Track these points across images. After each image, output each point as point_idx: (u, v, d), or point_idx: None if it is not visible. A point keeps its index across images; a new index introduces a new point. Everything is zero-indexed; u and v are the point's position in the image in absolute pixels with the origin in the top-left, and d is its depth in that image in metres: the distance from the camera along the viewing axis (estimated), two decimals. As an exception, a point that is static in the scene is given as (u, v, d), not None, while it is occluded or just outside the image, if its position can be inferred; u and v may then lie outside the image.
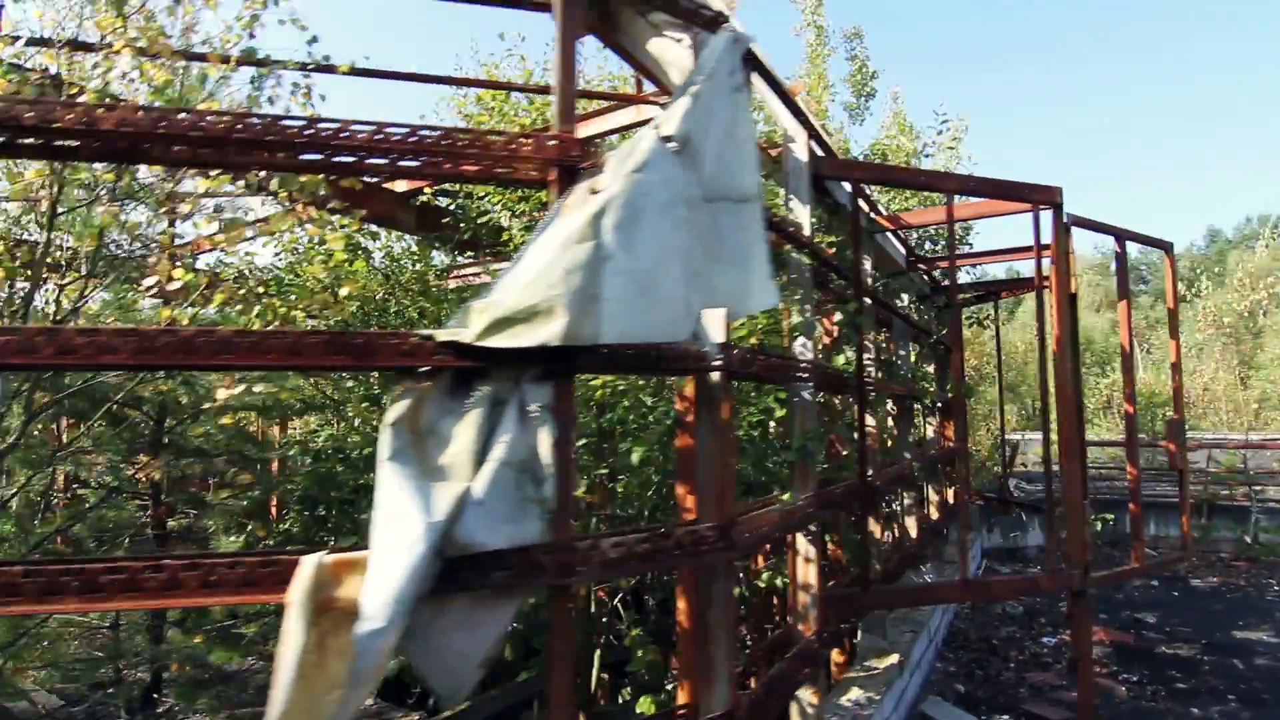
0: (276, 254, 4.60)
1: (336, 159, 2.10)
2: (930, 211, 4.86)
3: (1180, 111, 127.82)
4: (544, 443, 2.16)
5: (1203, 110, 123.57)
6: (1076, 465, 4.24)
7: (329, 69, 3.01)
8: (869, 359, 4.85)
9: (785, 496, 3.51)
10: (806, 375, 3.50)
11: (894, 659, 4.54)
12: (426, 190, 4.92)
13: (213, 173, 2.69)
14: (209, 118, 1.90)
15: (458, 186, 5.07)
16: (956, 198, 4.95)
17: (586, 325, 2.11)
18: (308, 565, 1.78)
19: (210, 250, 3.73)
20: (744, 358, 2.75)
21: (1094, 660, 5.83)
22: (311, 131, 1.97)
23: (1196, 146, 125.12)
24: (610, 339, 2.15)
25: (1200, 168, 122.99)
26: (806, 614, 3.53)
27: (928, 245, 8.51)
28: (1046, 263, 4.17)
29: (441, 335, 2.15)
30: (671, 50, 2.98)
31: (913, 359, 7.22)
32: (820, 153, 3.92)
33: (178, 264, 2.84)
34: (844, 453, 4.83)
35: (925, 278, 7.16)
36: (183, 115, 1.87)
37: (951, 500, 8.39)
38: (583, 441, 3.97)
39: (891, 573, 4.99)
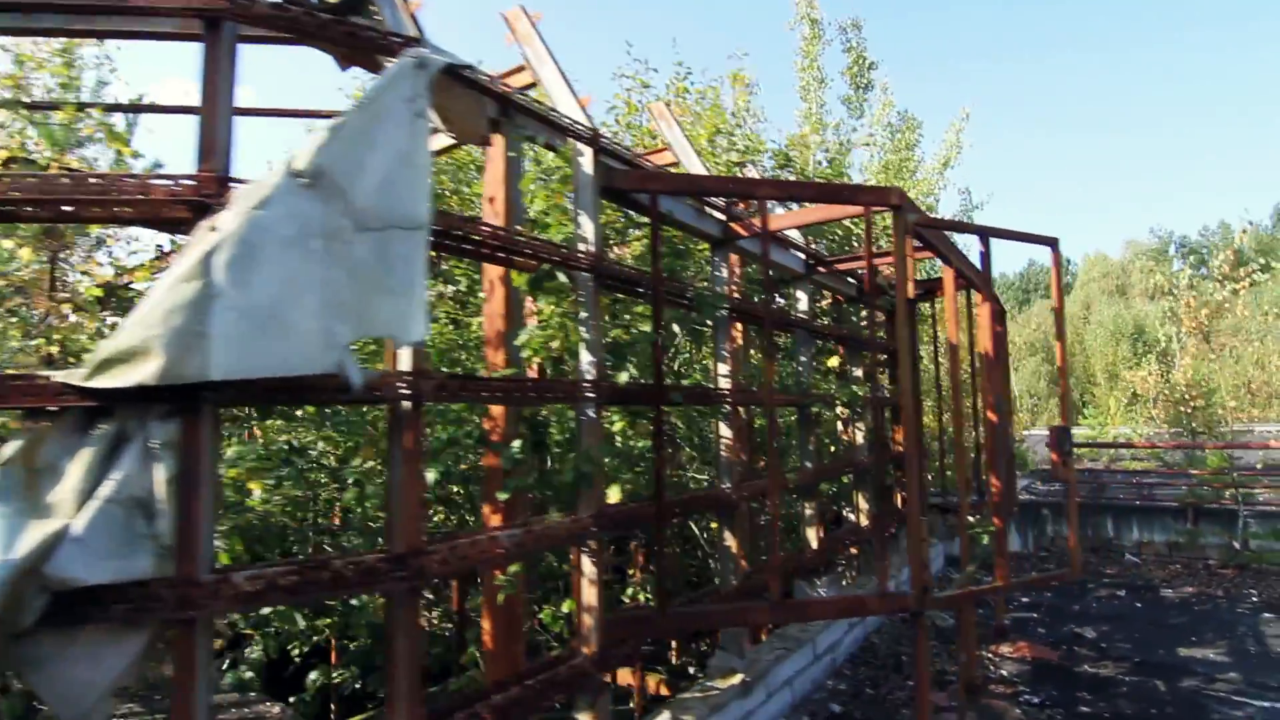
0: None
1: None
2: (783, 217, 4.69)
3: (1243, 86, 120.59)
4: (160, 480, 2.20)
5: (1267, 85, 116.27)
6: (915, 478, 4.04)
7: None
8: (727, 371, 4.74)
9: (555, 517, 3.46)
10: (590, 394, 3.45)
11: (738, 679, 4.41)
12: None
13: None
14: None
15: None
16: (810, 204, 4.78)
17: (190, 363, 2.14)
18: None
19: None
20: (441, 384, 2.72)
21: (1003, 680, 5.56)
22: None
23: (1267, 118, 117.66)
24: (223, 375, 2.16)
25: (1266, 143, 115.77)
26: (589, 637, 3.48)
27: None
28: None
29: (59, 376, 2.21)
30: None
31: (841, 364, 7.01)
32: (623, 167, 3.86)
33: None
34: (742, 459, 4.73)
35: (851, 280, 6.94)
36: None
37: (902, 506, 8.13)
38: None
39: (748, 589, 4.84)
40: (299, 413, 3.82)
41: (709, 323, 4.66)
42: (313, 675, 3.95)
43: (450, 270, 4.76)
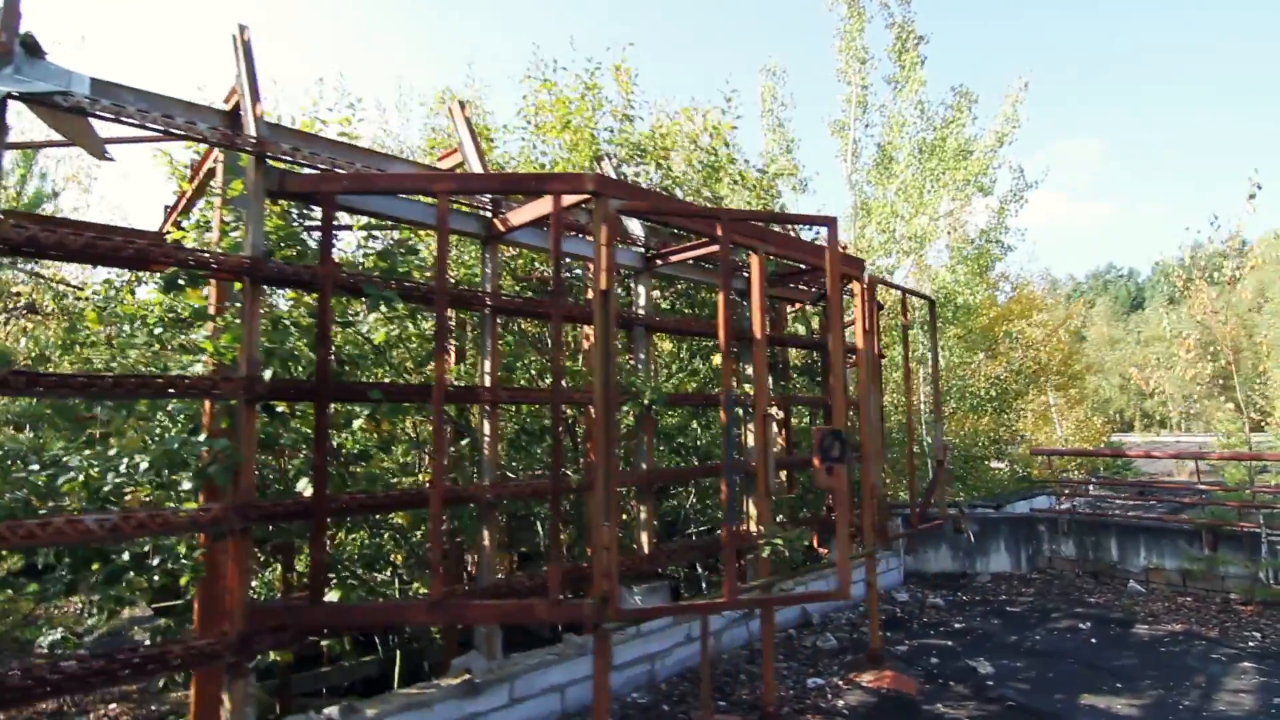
0: None
1: None
2: (519, 212, 4.52)
3: None
4: None
5: None
6: (602, 475, 3.78)
7: None
8: (488, 369, 4.66)
9: (190, 506, 3.62)
10: (218, 390, 3.59)
11: (462, 679, 4.33)
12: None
13: None
14: None
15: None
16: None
17: None
18: None
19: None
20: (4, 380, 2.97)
21: (832, 712, 5.03)
22: None
23: None
24: None
25: None
26: (235, 620, 3.61)
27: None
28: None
29: None
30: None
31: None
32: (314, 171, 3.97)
33: None
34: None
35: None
36: None
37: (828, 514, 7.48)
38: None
39: (523, 589, 4.71)
40: None
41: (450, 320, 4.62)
42: None
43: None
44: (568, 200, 4.15)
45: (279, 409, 4.07)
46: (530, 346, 5.96)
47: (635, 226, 5.92)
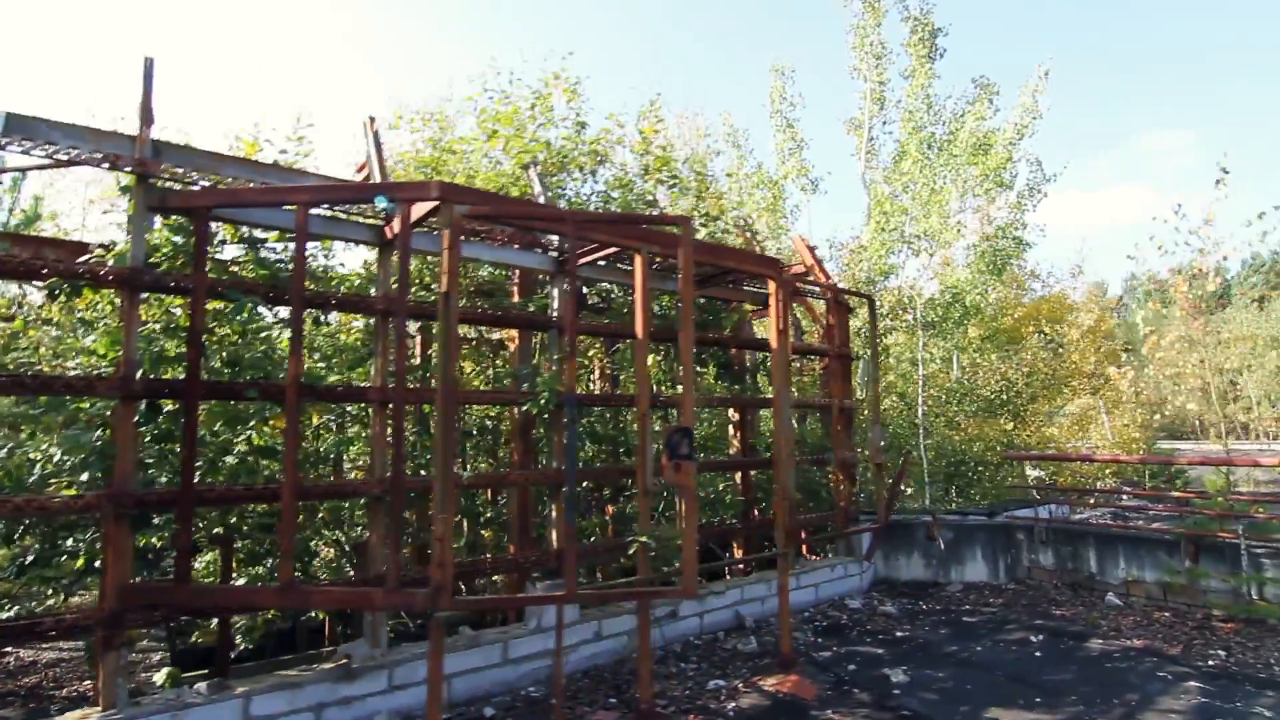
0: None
1: None
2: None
3: None
4: None
5: None
6: (440, 477, 3.95)
7: None
8: (375, 368, 4.92)
9: (67, 494, 4.00)
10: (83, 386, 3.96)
11: (338, 663, 4.57)
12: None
13: None
14: None
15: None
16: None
17: None
18: None
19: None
20: None
21: (720, 714, 5.01)
22: None
23: None
24: None
25: None
26: (107, 599, 3.97)
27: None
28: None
29: None
30: None
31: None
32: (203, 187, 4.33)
33: None
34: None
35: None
36: None
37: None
38: None
39: (411, 579, 4.92)
40: None
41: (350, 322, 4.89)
42: None
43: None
44: (424, 207, 4.36)
45: (166, 407, 4.44)
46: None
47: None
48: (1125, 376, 13.72)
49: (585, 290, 7.43)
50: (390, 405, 4.87)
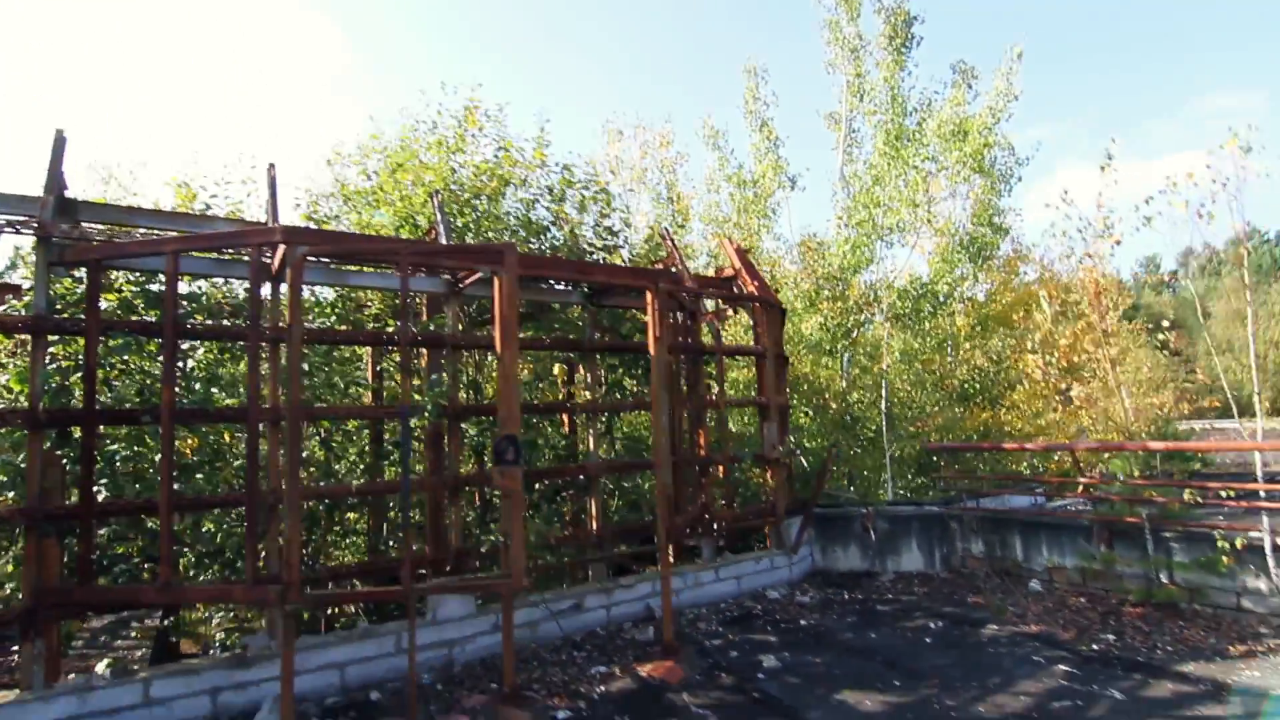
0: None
1: None
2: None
3: None
4: None
5: None
6: (290, 486, 4.48)
7: None
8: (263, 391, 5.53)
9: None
10: None
11: (232, 653, 5.16)
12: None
13: None
14: None
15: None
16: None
17: None
18: None
19: None
20: None
21: (580, 695, 5.41)
22: None
23: None
24: None
25: None
26: (26, 598, 4.66)
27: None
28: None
29: None
30: None
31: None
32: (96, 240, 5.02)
33: None
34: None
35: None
36: None
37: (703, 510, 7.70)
38: None
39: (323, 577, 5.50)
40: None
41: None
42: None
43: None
44: (278, 250, 4.92)
45: (74, 434, 5.13)
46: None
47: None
48: (1106, 381, 13.06)
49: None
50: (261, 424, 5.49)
